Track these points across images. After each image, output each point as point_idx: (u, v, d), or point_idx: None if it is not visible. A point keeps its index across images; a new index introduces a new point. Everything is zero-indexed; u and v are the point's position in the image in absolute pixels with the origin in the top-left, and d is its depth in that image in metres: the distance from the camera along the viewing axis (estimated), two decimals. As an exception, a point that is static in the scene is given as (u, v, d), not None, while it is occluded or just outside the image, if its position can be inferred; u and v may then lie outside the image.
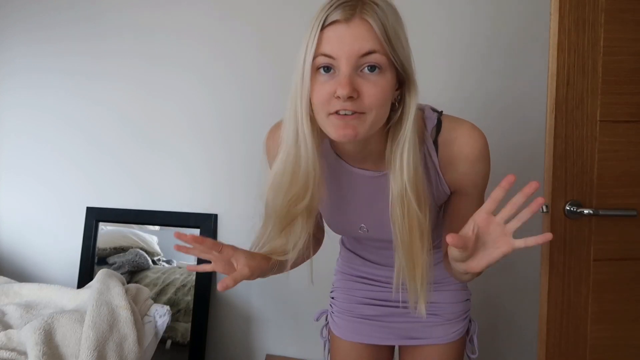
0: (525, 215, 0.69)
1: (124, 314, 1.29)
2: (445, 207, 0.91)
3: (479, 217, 0.69)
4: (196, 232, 1.75)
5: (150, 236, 1.81)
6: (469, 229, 0.69)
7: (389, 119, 0.76)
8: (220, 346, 1.76)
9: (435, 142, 0.81)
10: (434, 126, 0.81)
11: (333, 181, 0.88)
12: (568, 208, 1.18)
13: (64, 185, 1.85)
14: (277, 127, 0.92)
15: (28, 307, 1.38)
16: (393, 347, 1.13)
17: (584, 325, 1.22)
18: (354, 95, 0.68)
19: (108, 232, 1.83)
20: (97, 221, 1.82)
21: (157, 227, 1.81)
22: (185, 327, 1.70)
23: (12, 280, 1.57)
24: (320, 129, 0.75)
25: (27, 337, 1.17)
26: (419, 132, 0.78)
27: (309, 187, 0.78)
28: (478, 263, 0.70)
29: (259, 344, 1.76)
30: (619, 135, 1.19)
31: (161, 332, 1.40)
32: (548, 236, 0.67)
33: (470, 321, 1.09)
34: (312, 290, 1.70)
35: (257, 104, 1.72)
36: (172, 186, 1.79)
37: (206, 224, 1.74)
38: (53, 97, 1.84)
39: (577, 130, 1.18)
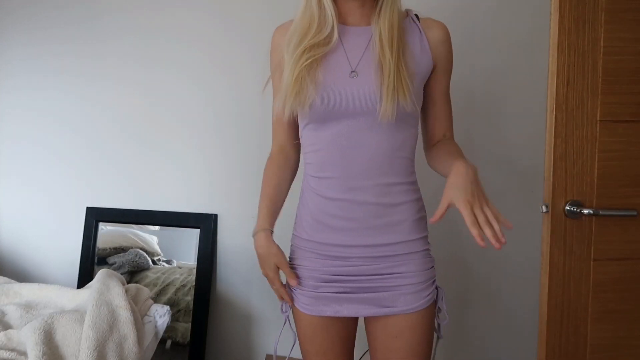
0: None
1: (124, 314, 1.29)
2: (427, 94, 1.09)
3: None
4: (196, 232, 1.75)
5: (150, 236, 1.81)
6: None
7: None
8: (220, 346, 1.76)
9: (417, 17, 1.07)
10: (415, 14, 1.07)
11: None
12: (568, 208, 1.18)
13: (64, 185, 1.85)
14: (286, 24, 1.10)
15: (28, 307, 1.38)
16: (357, 319, 1.11)
17: (584, 325, 1.22)
18: None
19: (108, 232, 1.83)
20: (97, 221, 1.82)
21: (157, 227, 1.81)
22: (185, 327, 1.70)
23: (12, 280, 1.57)
24: None
25: (27, 337, 1.17)
26: (403, 12, 1.06)
27: (328, 21, 0.99)
28: None
29: (259, 344, 1.76)
30: (620, 135, 1.19)
31: (161, 332, 1.40)
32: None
33: (437, 288, 1.09)
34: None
35: (253, 105, 1.72)
36: (172, 186, 1.79)
37: (206, 223, 1.74)
38: (52, 98, 1.84)
39: (578, 130, 1.18)
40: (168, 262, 1.79)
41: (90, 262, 1.80)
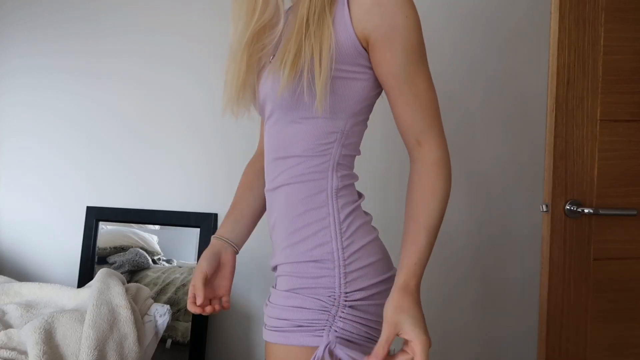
0: None
1: (124, 314, 1.29)
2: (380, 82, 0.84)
3: None
4: (196, 231, 1.75)
5: (151, 235, 1.81)
6: None
7: None
8: (220, 346, 1.76)
9: None
10: None
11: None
12: (568, 207, 1.18)
13: (64, 185, 1.85)
14: None
15: (28, 307, 1.38)
16: None
17: (584, 325, 1.22)
18: None
19: (108, 232, 1.83)
20: (97, 220, 1.82)
21: (157, 227, 1.81)
22: (185, 326, 1.70)
23: (12, 280, 1.57)
24: None
25: (28, 337, 1.17)
26: None
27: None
28: None
29: (259, 343, 1.76)
30: (620, 135, 1.19)
31: (161, 332, 1.41)
32: None
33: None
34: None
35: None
36: (173, 185, 1.79)
37: (206, 223, 1.74)
38: (52, 96, 1.84)
39: (578, 130, 1.18)
40: (168, 261, 1.79)
41: (91, 262, 1.80)
